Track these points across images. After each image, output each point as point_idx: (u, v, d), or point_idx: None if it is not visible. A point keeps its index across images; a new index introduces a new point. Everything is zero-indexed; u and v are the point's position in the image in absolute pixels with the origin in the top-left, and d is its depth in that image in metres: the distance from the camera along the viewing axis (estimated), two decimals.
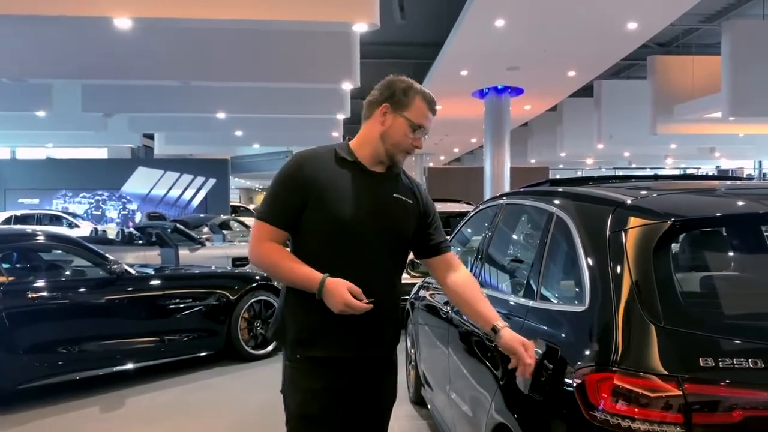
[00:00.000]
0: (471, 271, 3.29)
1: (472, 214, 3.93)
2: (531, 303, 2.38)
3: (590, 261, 2.07)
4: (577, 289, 2.13)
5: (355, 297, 1.97)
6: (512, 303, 2.56)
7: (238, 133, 17.01)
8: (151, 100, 11.30)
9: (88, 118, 14.06)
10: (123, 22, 5.97)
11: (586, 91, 18.03)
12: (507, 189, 15.73)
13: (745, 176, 18.91)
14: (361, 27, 6.18)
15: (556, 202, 2.50)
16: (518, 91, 15.52)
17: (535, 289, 2.41)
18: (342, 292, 1.96)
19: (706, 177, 3.15)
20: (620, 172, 28.04)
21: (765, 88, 11.75)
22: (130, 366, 5.28)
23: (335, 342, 2.07)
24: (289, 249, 2.13)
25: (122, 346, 5.23)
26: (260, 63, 8.58)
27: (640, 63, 18.04)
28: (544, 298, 2.35)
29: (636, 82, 18.69)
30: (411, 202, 2.19)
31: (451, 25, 11.93)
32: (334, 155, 2.12)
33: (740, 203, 2.26)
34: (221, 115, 12.84)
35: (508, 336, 2.06)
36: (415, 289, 4.66)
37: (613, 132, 18.83)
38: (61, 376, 4.94)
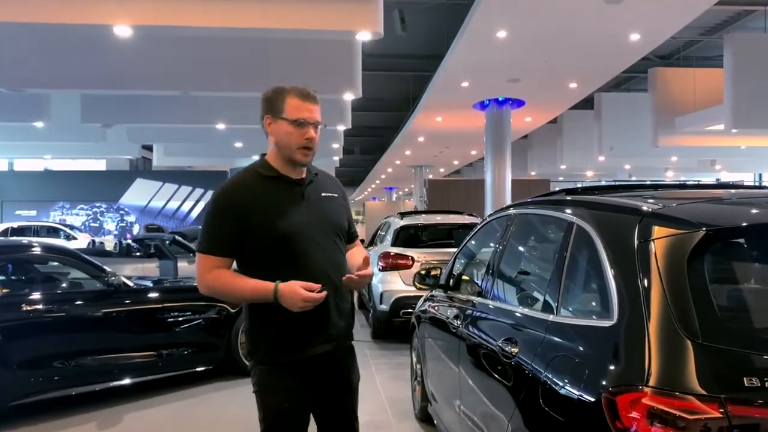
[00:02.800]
0: (482, 284, 3.19)
1: (480, 225, 3.82)
2: (551, 317, 2.26)
3: (617, 273, 1.96)
4: (602, 303, 2.01)
5: (309, 291, 2.09)
6: (530, 317, 2.44)
7: (238, 144, 16.91)
8: (150, 110, 11.20)
9: (87, 129, 13.95)
10: (123, 30, 5.88)
11: (587, 103, 17.98)
12: (508, 201, 15.64)
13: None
14: (364, 36, 6.10)
15: (576, 211, 2.39)
16: (519, 103, 15.47)
17: (554, 302, 2.30)
18: (296, 290, 2.07)
19: (712, 186, 3.03)
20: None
21: (767, 100, 11.70)
22: (127, 381, 5.14)
23: (309, 342, 2.20)
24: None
25: (119, 360, 5.09)
26: (261, 73, 8.48)
27: (639, 75, 18.02)
28: (566, 312, 2.23)
29: (636, 94, 18.65)
30: (337, 195, 2.39)
31: (451, 37, 11.89)
32: (256, 175, 2.26)
33: None
34: (221, 126, 12.74)
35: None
36: (420, 302, 4.55)
37: (613, 144, 18.74)
38: (56, 392, 4.80)
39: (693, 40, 15.89)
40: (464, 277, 3.77)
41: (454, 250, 7.45)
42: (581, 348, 2.00)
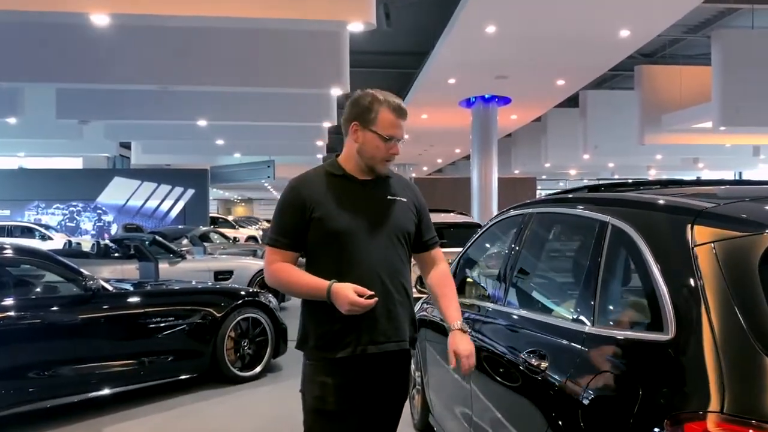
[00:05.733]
0: (495, 289, 2.96)
1: (487, 226, 3.58)
2: (587, 329, 2.02)
3: (670, 280, 1.73)
4: (652, 314, 1.78)
5: (361, 296, 2.07)
6: (560, 327, 2.20)
7: (220, 141, 16.55)
8: (129, 106, 10.82)
9: (63, 125, 13.52)
10: (100, 19, 5.56)
11: (571, 101, 17.90)
12: (495, 199, 15.49)
13: None
14: (356, 27, 5.85)
15: (610, 210, 2.16)
16: (505, 101, 15.34)
17: (589, 312, 2.06)
18: (347, 293, 2.07)
19: (726, 182, 2.80)
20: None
21: (755, 98, 11.66)
22: (107, 391, 4.82)
23: (355, 341, 2.18)
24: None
25: (99, 369, 4.77)
26: (245, 67, 8.19)
27: (623, 74, 17.95)
28: (605, 323, 2.00)
29: (621, 92, 18.61)
30: (405, 200, 2.33)
31: (437, 33, 11.68)
32: (325, 172, 2.29)
33: None
34: (202, 123, 12.39)
35: (451, 339, 2.25)
36: (418, 305, 4.30)
37: (598, 142, 18.71)
38: (30, 405, 4.46)
39: (677, 38, 15.83)
40: (471, 281, 3.53)
41: (447, 250, 7.29)
42: (632, 365, 1.76)
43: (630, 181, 2.96)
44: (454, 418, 3.23)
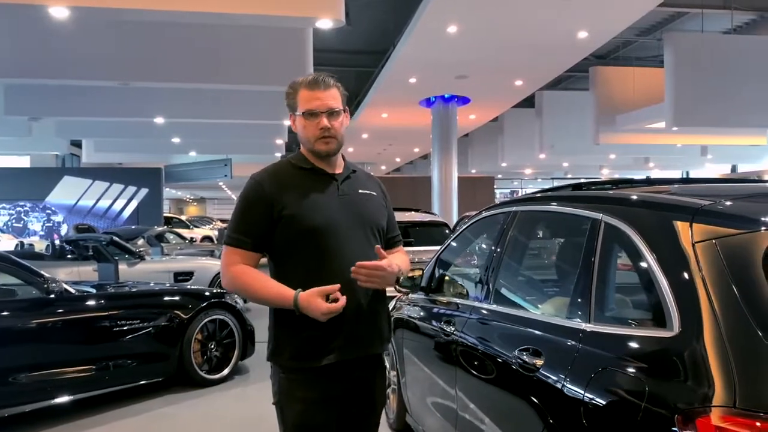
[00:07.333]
0: (479, 287, 2.95)
1: (468, 224, 3.57)
2: (585, 326, 2.03)
3: (672, 276, 1.75)
4: (654, 310, 1.79)
5: (328, 295, 1.98)
6: (555, 325, 2.20)
7: (176, 140, 16.18)
8: (84, 102, 10.44)
9: (11, 122, 12.98)
10: (59, 12, 5.35)
11: (527, 101, 18.15)
12: (455, 198, 15.59)
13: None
14: (325, 23, 5.78)
15: (603, 207, 2.17)
16: (465, 101, 15.45)
17: (585, 309, 2.06)
18: (317, 305, 1.96)
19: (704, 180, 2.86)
20: (557, 183, 28.52)
21: (706, 99, 12.01)
22: (70, 398, 4.65)
23: (337, 348, 2.06)
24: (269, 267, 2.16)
25: (61, 375, 4.59)
26: (206, 63, 8.02)
27: (577, 75, 18.30)
28: (603, 321, 2.00)
29: (576, 93, 18.97)
30: (375, 194, 2.26)
31: (396, 32, 11.68)
32: (291, 166, 2.17)
33: None
34: (159, 120, 12.09)
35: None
36: (391, 305, 4.27)
37: (554, 142, 19.02)
38: None
39: (629, 41, 16.23)
40: (451, 279, 3.51)
41: (415, 249, 7.28)
42: (636, 362, 1.76)
43: (608, 179, 2.99)
44: (435, 417, 3.21)
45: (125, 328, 5.04)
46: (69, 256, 8.63)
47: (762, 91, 11.75)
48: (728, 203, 1.90)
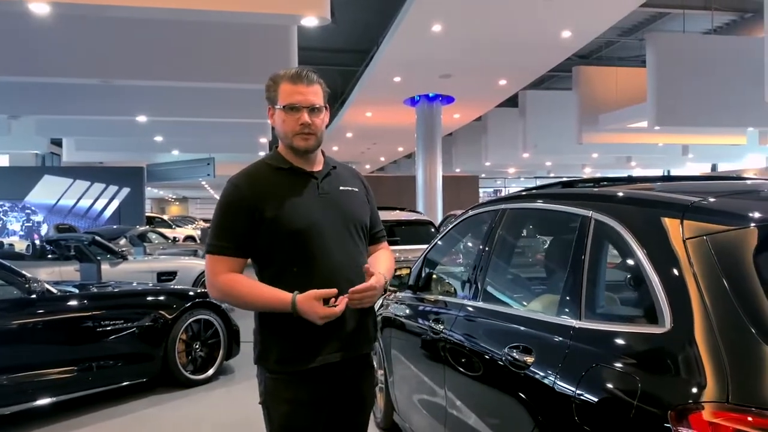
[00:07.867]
0: (468, 285, 2.94)
1: (456, 222, 3.56)
2: (575, 323, 2.03)
3: (663, 273, 1.75)
4: (645, 307, 1.80)
5: (327, 299, 1.96)
6: (545, 322, 2.20)
7: (158, 138, 16.02)
8: (64, 100, 10.28)
9: None
10: (40, 8, 5.26)
11: (510, 101, 18.23)
12: (440, 197, 15.61)
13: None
14: (310, 21, 5.74)
15: (592, 204, 2.17)
16: (449, 100, 15.48)
17: (576, 307, 2.06)
18: (315, 309, 1.94)
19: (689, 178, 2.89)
20: (540, 182, 28.66)
21: (688, 98, 12.13)
22: (53, 399, 4.57)
23: (324, 350, 2.04)
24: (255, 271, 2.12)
25: (44, 376, 4.52)
26: (189, 60, 7.93)
27: (560, 74, 18.42)
28: (594, 318, 2.00)
29: (560, 92, 19.08)
30: (357, 189, 2.22)
31: (380, 30, 11.66)
32: (267, 167, 2.12)
33: None
34: (142, 119, 11.95)
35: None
36: (379, 302, 4.25)
37: (537, 141, 19.11)
38: None
39: (611, 41, 16.36)
40: (440, 277, 3.50)
41: (400, 247, 7.27)
42: (628, 358, 1.76)
43: (596, 177, 3.00)
44: (423, 415, 3.20)
45: (108, 328, 4.98)
46: (50, 256, 8.53)
47: (742, 91, 11.89)
48: (718, 200, 1.92)
